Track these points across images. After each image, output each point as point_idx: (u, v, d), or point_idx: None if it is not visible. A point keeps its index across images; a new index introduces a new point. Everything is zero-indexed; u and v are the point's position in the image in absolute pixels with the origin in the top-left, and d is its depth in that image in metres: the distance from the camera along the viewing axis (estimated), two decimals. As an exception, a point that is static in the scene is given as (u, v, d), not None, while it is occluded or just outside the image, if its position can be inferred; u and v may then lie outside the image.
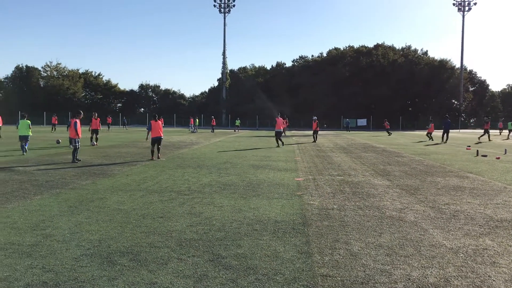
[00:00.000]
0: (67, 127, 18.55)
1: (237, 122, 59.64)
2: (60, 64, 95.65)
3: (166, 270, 4.79)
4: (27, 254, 5.24)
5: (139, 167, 14.16)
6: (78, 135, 15.86)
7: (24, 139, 19.00)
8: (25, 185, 10.23)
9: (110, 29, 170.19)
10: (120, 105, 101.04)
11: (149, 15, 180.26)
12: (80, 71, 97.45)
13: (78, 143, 15.83)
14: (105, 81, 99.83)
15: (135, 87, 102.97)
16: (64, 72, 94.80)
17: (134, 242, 5.78)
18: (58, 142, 25.50)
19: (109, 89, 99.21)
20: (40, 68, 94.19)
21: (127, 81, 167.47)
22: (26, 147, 18.93)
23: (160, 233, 6.25)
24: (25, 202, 8.30)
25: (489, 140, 34.62)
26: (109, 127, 53.14)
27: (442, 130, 32.55)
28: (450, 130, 33.44)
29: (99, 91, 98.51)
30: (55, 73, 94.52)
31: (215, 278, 4.55)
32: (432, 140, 33.35)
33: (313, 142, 30.45)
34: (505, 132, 48.81)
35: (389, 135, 45.73)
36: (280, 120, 26.69)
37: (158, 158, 16.79)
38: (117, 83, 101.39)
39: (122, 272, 4.71)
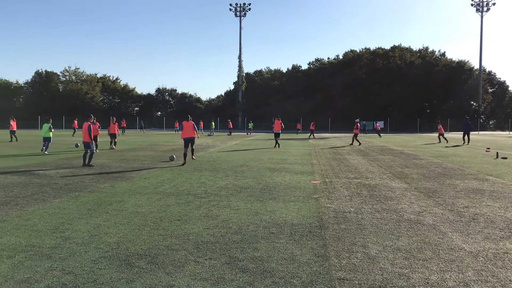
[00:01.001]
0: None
1: (250, 125, 59.81)
2: (78, 68, 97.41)
3: (183, 272, 4.81)
4: (47, 256, 5.32)
5: (156, 171, 14.27)
6: (91, 138, 15.75)
7: (46, 140, 21.48)
8: (44, 188, 10.39)
9: (128, 34, 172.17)
10: (138, 108, 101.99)
11: (165, 19, 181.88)
12: (98, 75, 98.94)
13: (93, 146, 15.81)
14: (122, 85, 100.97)
15: (152, 91, 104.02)
16: (83, 76, 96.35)
17: (151, 245, 5.82)
18: (76, 145, 25.84)
19: (127, 93, 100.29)
20: (59, 73, 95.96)
21: (144, 85, 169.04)
22: (47, 148, 21.44)
23: (177, 236, 6.29)
24: (45, 205, 8.43)
25: None
26: (123, 131, 52.72)
27: (462, 132, 32.34)
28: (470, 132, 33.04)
29: (117, 95, 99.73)
30: (73, 77, 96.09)
31: (232, 281, 4.56)
32: (447, 141, 32.87)
33: (358, 144, 29.74)
34: None
35: (380, 137, 44.53)
36: (278, 122, 27.70)
37: (193, 159, 17.13)
38: (135, 87, 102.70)
39: (140, 274, 4.75)
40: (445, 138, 33.75)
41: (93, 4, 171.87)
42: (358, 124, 30.70)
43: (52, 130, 22.15)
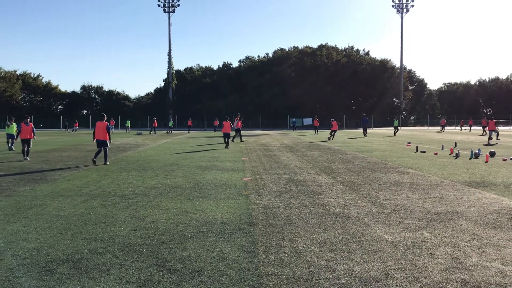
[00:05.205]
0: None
1: (170, 123, 59.16)
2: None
3: (108, 276, 4.64)
4: (-43, 267, 4.93)
5: (81, 172, 13.70)
6: (109, 137, 16.27)
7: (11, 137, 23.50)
8: (-44, 194, 9.63)
9: (50, 29, 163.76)
10: (62, 107, 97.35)
11: (91, 14, 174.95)
12: (18, 72, 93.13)
13: (109, 144, 16.39)
14: (45, 83, 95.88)
15: (77, 89, 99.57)
16: (0, 73, 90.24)
17: (74, 249, 5.57)
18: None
19: (50, 91, 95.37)
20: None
21: (69, 83, 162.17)
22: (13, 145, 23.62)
23: (102, 239, 6.06)
24: (-44, 212, 7.81)
25: None
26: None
27: (361, 128, 37.67)
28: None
29: (39, 93, 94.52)
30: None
31: (159, 283, 4.47)
32: (331, 138, 34.25)
33: (328, 139, 33.21)
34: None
35: (316, 133, 46.45)
36: (227, 123, 27.56)
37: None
38: (58, 85, 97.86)
39: (62, 281, 4.53)
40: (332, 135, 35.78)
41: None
42: (336, 122, 35.19)
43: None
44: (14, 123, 24.09)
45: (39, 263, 5.05)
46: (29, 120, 18.70)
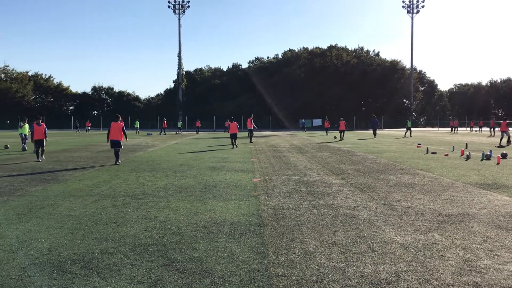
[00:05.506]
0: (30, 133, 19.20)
1: (179, 124, 59.28)
2: (8, 66, 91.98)
3: (119, 276, 4.67)
4: (-29, 266, 4.99)
5: (92, 172, 13.79)
6: (126, 137, 16.65)
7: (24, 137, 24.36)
8: (-31, 193, 9.74)
9: (61, 30, 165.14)
10: (72, 108, 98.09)
11: (102, 15, 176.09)
12: (30, 73, 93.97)
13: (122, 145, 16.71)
14: (56, 84, 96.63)
15: (88, 90, 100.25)
16: (13, 74, 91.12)
17: (85, 249, 5.61)
18: (6, 147, 24.54)
19: (61, 92, 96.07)
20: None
21: (80, 83, 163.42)
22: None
23: (113, 238, 6.10)
24: (-31, 211, 7.90)
25: None
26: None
27: (372, 129, 37.90)
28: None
29: (50, 94, 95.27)
30: (2, 75, 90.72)
31: (170, 283, 4.49)
32: (335, 138, 35.03)
33: (339, 140, 33.89)
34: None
35: (327, 134, 46.51)
36: (234, 124, 27.64)
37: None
38: (69, 86, 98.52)
39: (73, 280, 4.56)
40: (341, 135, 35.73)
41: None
42: (344, 122, 36.36)
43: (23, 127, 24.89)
44: (27, 124, 24.66)
45: (51, 263, 5.10)
46: (41, 120, 18.68)
